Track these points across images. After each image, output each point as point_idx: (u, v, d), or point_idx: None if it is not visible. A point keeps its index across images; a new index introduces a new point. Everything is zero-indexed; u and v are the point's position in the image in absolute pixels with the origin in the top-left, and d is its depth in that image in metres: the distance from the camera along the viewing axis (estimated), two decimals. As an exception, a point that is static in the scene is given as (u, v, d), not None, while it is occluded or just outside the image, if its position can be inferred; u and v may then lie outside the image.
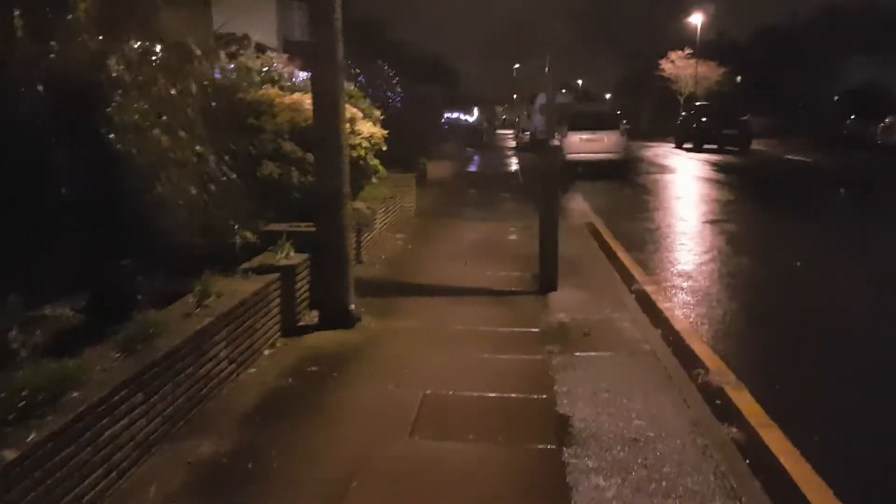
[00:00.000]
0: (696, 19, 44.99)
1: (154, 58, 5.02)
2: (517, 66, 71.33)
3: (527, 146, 34.40)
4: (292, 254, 5.22)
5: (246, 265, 4.91)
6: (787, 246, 9.37)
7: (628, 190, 15.96)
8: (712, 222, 11.14)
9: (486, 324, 5.37)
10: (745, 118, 31.98)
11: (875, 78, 36.13)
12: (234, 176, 5.50)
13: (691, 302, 6.46)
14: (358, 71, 16.64)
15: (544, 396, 4.02)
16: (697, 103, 34.91)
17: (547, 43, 5.74)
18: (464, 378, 4.28)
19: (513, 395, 4.04)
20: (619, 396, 4.03)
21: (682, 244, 9.40)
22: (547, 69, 5.84)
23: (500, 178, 18.82)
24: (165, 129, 4.67)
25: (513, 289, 6.52)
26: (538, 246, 6.63)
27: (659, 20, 53.07)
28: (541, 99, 35.78)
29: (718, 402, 4.18)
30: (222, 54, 6.29)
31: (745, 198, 14.70)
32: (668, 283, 7.17)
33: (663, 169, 21.67)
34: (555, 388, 4.14)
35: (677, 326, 5.65)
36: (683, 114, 35.40)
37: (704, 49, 44.77)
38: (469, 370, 4.43)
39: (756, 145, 30.11)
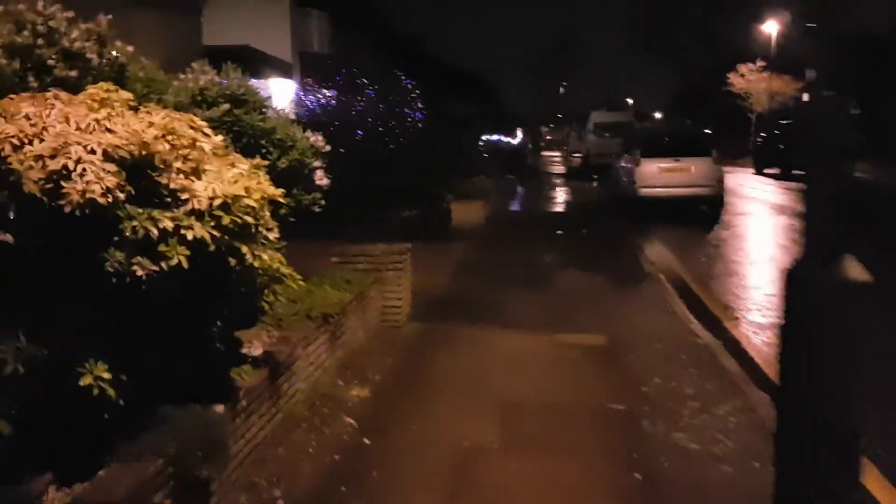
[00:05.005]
0: (770, 28, 39.68)
1: None
2: (564, 83, 66.79)
3: (578, 171, 29.58)
4: None
5: None
6: None
7: (740, 242, 11.00)
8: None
9: None
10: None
11: None
12: None
13: None
14: (366, 81, 12.38)
15: None
16: (782, 122, 29.66)
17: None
18: None
19: None
20: None
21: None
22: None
23: (552, 222, 14.09)
24: None
25: None
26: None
27: (721, 29, 47.75)
28: (594, 117, 31.05)
29: None
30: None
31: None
32: None
33: (769, 207, 16.55)
34: None
35: None
36: (763, 135, 30.20)
37: (775, 61, 39.38)
38: None
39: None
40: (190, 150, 2.72)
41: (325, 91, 12.00)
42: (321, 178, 4.35)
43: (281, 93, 19.95)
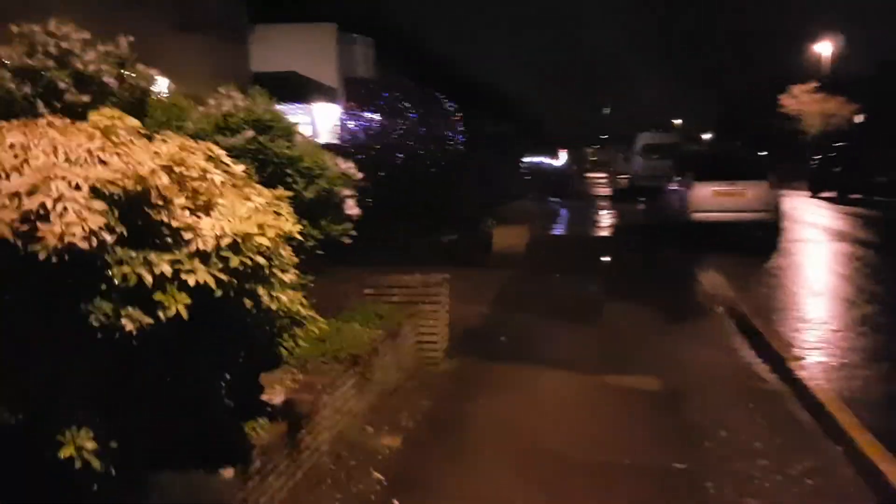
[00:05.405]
0: (824, 49, 38.48)
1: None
2: (608, 105, 66.19)
3: (625, 193, 28.92)
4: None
5: None
6: None
7: (800, 271, 10.34)
8: None
9: None
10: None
11: None
12: None
13: None
14: (407, 105, 12.24)
15: None
16: (837, 144, 28.63)
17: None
18: None
19: None
20: None
21: None
22: None
23: (598, 247, 13.60)
24: None
25: None
26: None
27: (770, 49, 46.64)
28: (642, 138, 30.39)
29: None
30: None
31: None
32: None
33: (827, 233, 15.73)
34: None
35: None
36: (819, 157, 29.16)
37: (828, 83, 38.15)
38: None
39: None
40: (200, 182, 2.43)
41: (367, 114, 11.93)
42: (352, 208, 4.05)
43: (326, 117, 19.96)
